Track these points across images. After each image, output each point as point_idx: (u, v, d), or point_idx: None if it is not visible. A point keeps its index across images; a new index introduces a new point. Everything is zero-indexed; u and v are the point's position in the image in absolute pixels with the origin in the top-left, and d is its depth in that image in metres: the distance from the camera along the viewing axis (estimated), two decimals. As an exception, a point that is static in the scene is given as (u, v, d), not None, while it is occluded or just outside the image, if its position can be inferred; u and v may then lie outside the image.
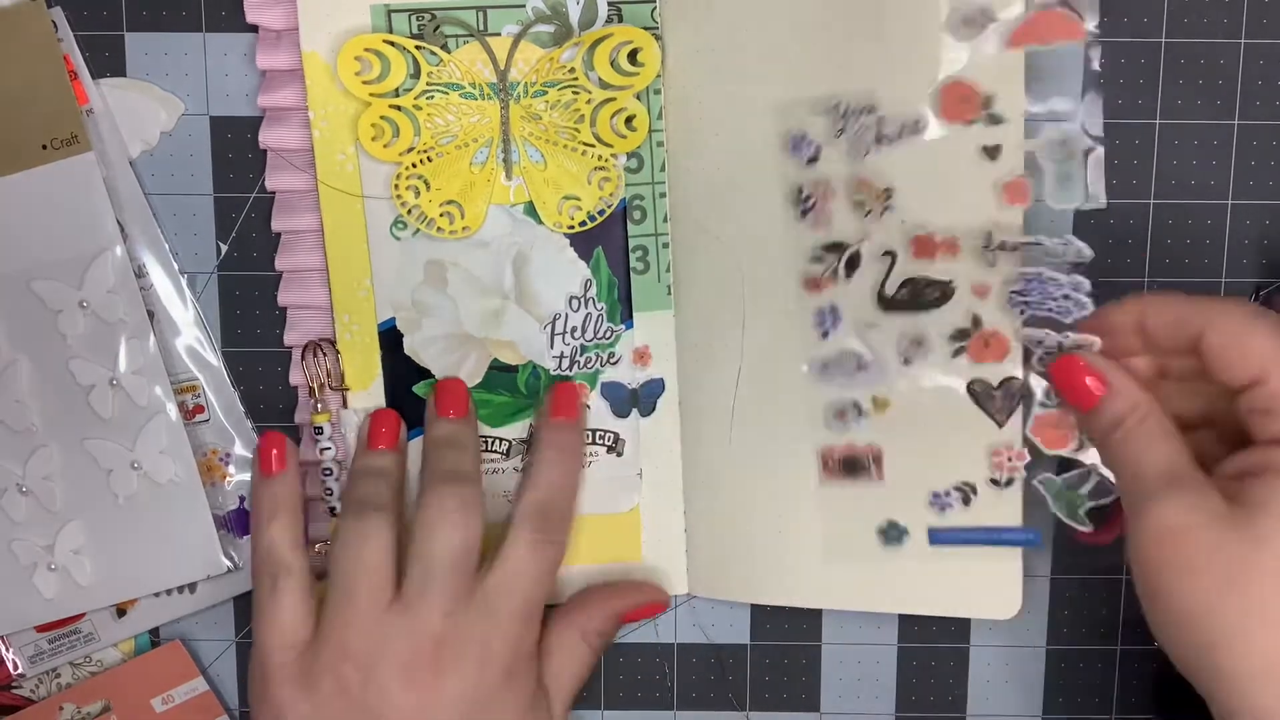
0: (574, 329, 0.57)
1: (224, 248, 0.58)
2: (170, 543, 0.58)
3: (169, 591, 0.59)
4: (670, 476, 0.59)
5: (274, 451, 0.56)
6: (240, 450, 0.59)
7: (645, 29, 0.55)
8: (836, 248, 0.54)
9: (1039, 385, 0.53)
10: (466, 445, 0.56)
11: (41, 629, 0.59)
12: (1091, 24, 0.51)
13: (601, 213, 0.56)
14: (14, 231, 0.56)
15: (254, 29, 0.56)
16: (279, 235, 0.57)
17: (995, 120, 0.52)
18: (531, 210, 0.56)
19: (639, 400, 0.58)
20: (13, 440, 0.57)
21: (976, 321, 0.53)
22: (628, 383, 0.58)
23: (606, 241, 0.57)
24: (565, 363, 0.57)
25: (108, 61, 0.57)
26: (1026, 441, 0.54)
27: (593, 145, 0.56)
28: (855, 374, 0.55)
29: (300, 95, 0.55)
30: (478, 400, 0.58)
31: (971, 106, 0.52)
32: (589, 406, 0.58)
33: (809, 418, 0.56)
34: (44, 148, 0.56)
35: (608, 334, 0.58)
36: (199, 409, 0.59)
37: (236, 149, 0.58)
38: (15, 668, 0.59)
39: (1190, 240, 0.59)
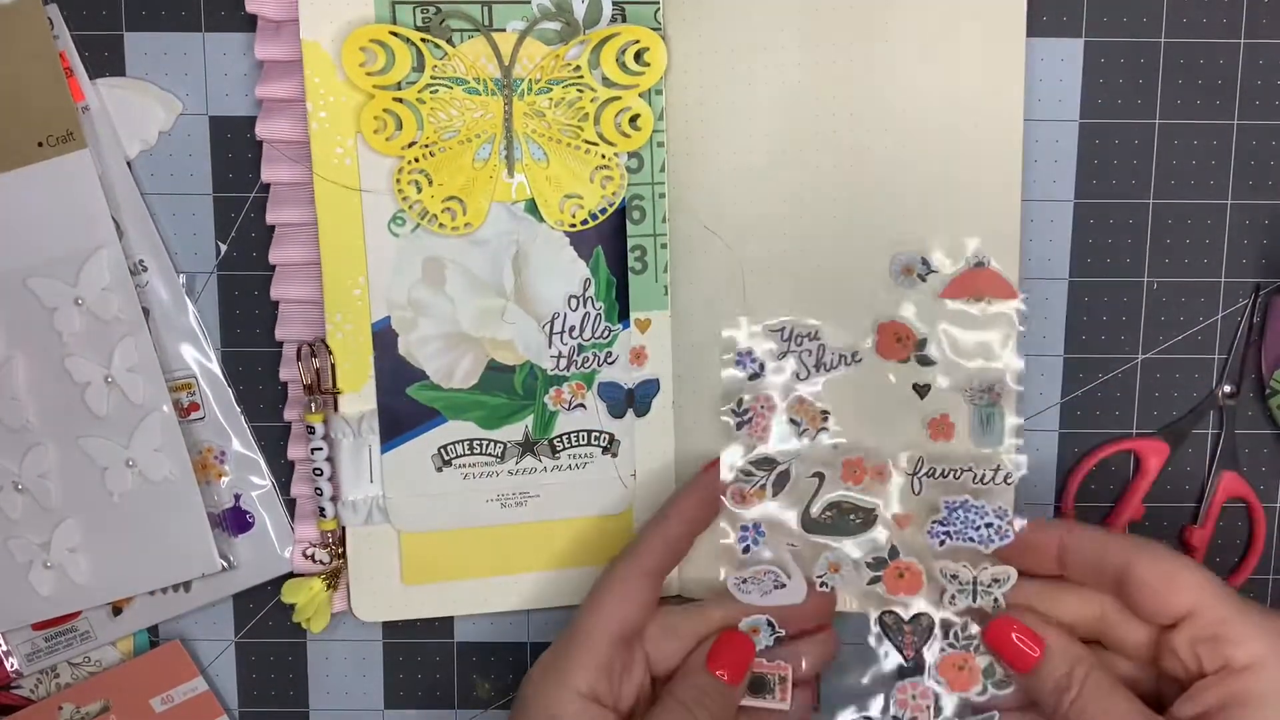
0: (572, 328, 0.57)
1: (223, 247, 0.58)
2: (165, 541, 0.58)
3: (164, 590, 0.59)
4: (664, 478, 0.59)
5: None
6: (235, 449, 0.59)
7: (650, 29, 0.55)
8: (767, 463, 0.55)
9: (950, 624, 0.53)
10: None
11: (38, 627, 0.59)
12: (1021, 298, 0.55)
13: (604, 211, 0.56)
14: (9, 229, 0.56)
15: (252, 28, 0.56)
16: (274, 228, 0.57)
17: (926, 361, 0.56)
18: (533, 208, 0.56)
19: (635, 400, 0.58)
20: (8, 438, 0.57)
21: (894, 551, 0.54)
22: (624, 383, 0.58)
23: (606, 241, 0.57)
24: (563, 362, 0.57)
25: (107, 61, 0.57)
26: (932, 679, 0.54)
27: (596, 144, 0.56)
28: (772, 592, 0.54)
29: (298, 87, 0.55)
30: (473, 402, 0.57)
31: (905, 346, 0.56)
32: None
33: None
34: (40, 145, 0.55)
35: (605, 333, 0.57)
36: (194, 406, 0.59)
37: (235, 148, 0.58)
38: (12, 665, 0.59)
39: (1190, 240, 0.59)
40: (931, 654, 0.53)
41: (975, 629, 0.52)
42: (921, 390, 0.55)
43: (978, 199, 0.56)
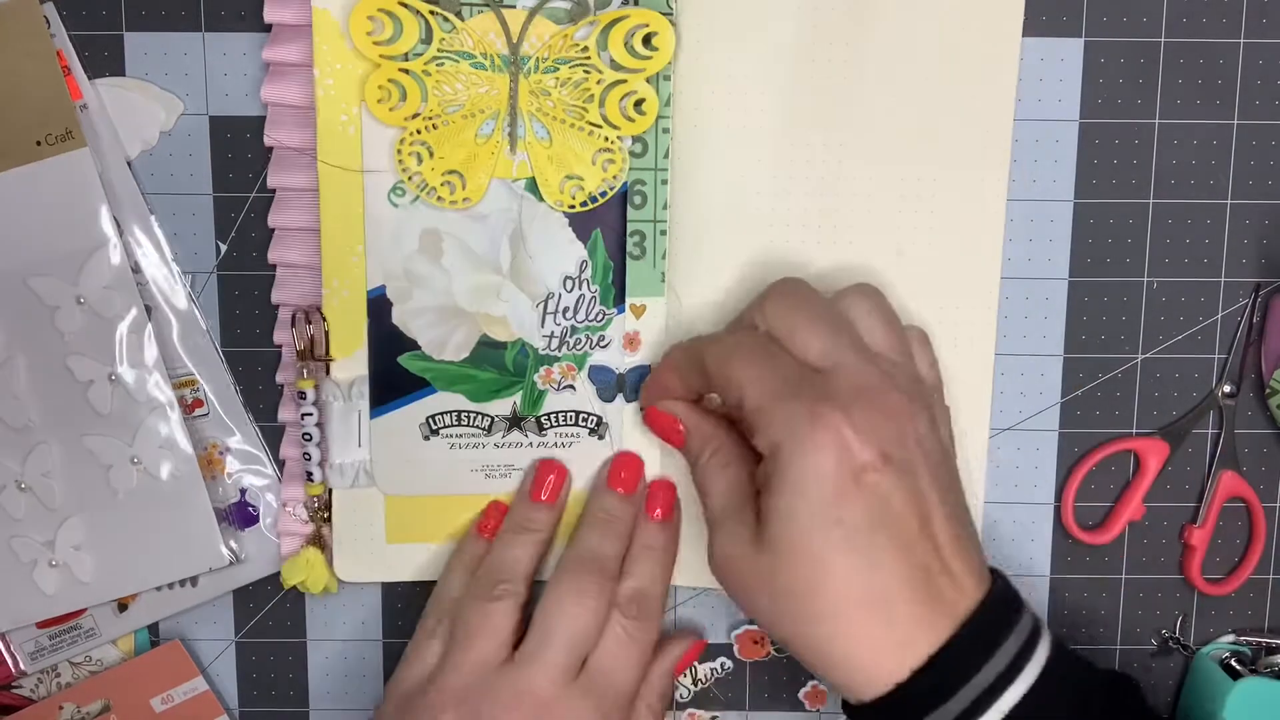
0: (566, 309, 0.57)
1: (223, 247, 0.58)
2: (171, 537, 0.58)
3: (170, 586, 0.59)
4: (650, 464, 0.59)
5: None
6: (239, 444, 0.59)
7: (661, 13, 0.55)
8: None
9: None
10: (619, 528, 0.57)
11: (42, 625, 0.59)
12: None
13: (604, 194, 0.56)
14: (9, 228, 0.56)
15: (253, 29, 0.56)
16: (274, 191, 0.57)
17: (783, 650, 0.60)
18: (533, 186, 0.56)
19: (625, 385, 0.58)
20: (11, 437, 0.57)
21: None
22: (616, 367, 0.58)
23: (605, 224, 0.57)
24: (555, 343, 0.57)
25: (106, 61, 0.57)
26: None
27: (600, 126, 0.55)
28: None
29: (306, 52, 0.55)
30: (463, 375, 0.58)
31: (764, 645, 0.61)
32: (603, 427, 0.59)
33: None
34: (38, 144, 0.56)
35: (599, 317, 0.57)
36: (198, 403, 0.59)
37: (236, 148, 0.58)
38: (15, 664, 0.59)
39: (1190, 240, 0.59)
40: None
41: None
42: None
43: (967, 192, 0.57)
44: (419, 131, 0.55)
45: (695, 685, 0.62)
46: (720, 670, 0.62)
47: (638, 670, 0.55)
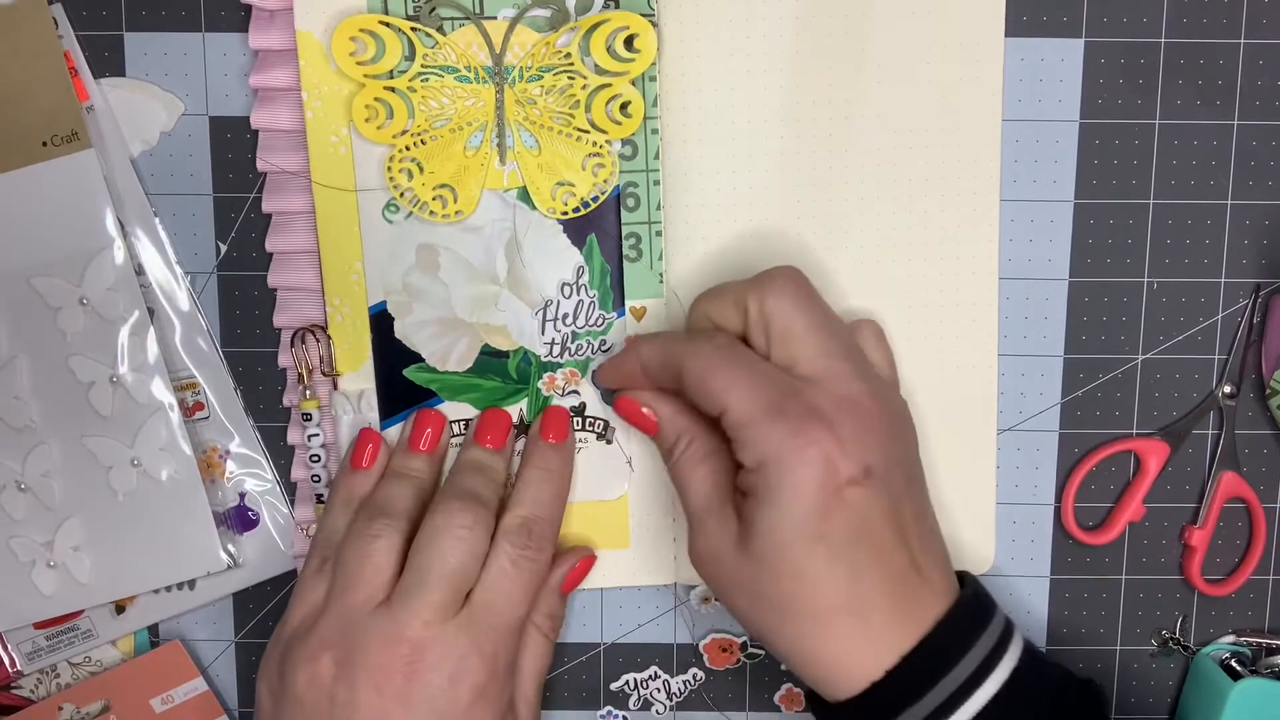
0: (565, 315, 0.57)
1: (223, 248, 0.58)
2: (169, 539, 0.58)
3: (168, 588, 0.59)
4: (659, 465, 0.59)
5: (369, 448, 0.57)
6: (239, 447, 0.59)
7: (642, 15, 0.55)
8: None
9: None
10: (492, 475, 0.56)
11: (40, 625, 0.59)
12: None
13: (595, 199, 0.56)
14: (14, 228, 0.56)
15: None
16: (270, 216, 0.57)
17: (753, 656, 0.62)
18: (525, 195, 0.56)
19: None
20: (12, 437, 0.57)
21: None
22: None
23: (600, 228, 0.57)
24: (556, 349, 0.57)
25: (107, 61, 0.57)
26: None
27: (587, 131, 0.56)
28: None
29: (293, 76, 0.55)
30: (468, 385, 0.58)
31: (732, 653, 0.62)
32: (578, 418, 0.59)
33: None
34: (44, 144, 0.56)
35: (599, 321, 0.58)
36: (199, 406, 0.59)
37: (236, 149, 0.58)
38: (12, 664, 0.59)
39: (1190, 240, 0.59)
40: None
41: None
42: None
43: (960, 185, 0.57)
44: (408, 148, 0.55)
45: (670, 699, 0.62)
46: (694, 681, 0.62)
47: (525, 600, 0.54)
